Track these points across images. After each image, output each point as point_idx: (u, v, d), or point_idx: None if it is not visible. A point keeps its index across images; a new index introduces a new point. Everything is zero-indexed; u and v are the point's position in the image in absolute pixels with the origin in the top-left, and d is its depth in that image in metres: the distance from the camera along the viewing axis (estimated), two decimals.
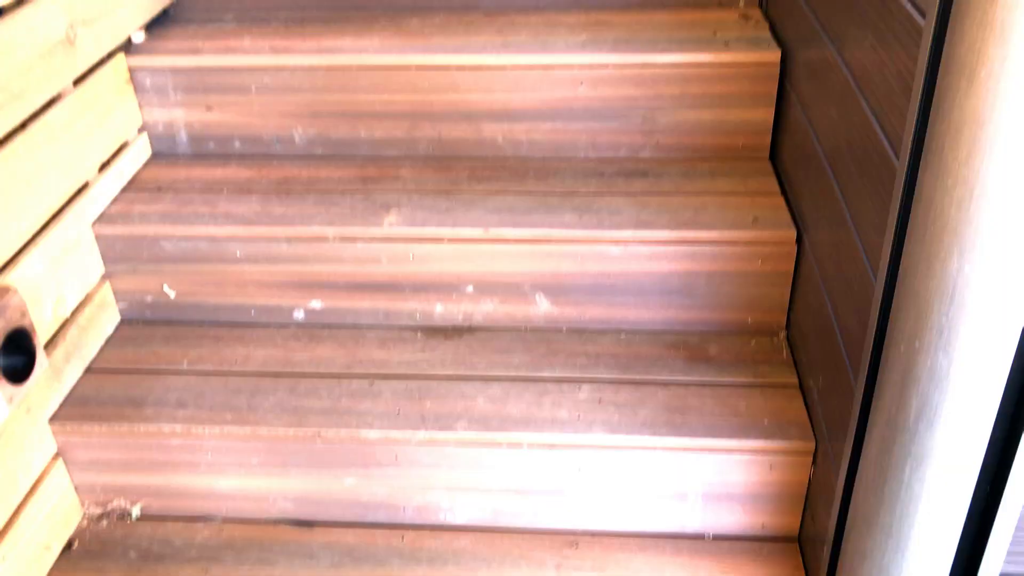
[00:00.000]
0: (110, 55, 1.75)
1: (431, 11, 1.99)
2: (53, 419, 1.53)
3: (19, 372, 1.34)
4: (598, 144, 1.84)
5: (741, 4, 1.94)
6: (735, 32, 1.80)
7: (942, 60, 0.91)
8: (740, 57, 1.71)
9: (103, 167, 1.71)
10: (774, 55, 1.70)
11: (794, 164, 1.64)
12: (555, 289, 1.67)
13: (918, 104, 0.97)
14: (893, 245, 1.04)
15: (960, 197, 0.90)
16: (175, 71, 1.82)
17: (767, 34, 1.78)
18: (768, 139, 1.79)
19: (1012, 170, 0.86)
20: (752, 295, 1.64)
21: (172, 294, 1.73)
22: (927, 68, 0.95)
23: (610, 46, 1.77)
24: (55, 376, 1.54)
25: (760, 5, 1.93)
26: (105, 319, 1.71)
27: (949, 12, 0.90)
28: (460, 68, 1.79)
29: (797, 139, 1.62)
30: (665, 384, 1.55)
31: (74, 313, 1.60)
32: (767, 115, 1.76)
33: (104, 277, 1.71)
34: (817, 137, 1.48)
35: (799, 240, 1.57)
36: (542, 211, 1.67)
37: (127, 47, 1.82)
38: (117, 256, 1.69)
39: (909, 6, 1.03)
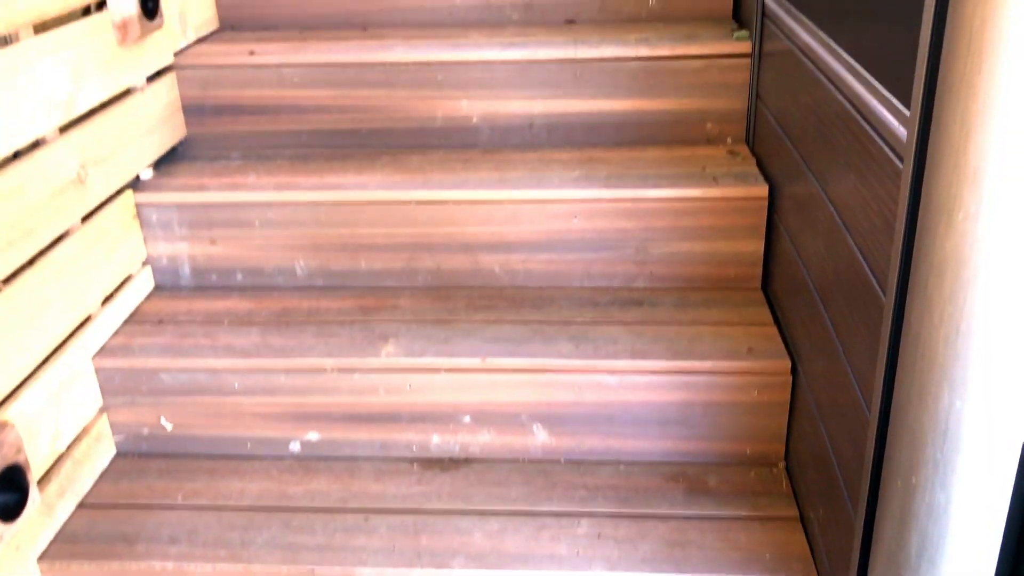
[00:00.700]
0: (118, 192, 1.80)
1: (431, 148, 2.06)
2: (42, 557, 1.50)
3: (11, 510, 1.33)
4: (593, 274, 1.87)
5: (729, 141, 2.01)
6: (724, 168, 1.87)
7: (921, 202, 0.95)
8: (729, 192, 1.77)
9: (106, 300, 1.74)
10: (761, 190, 1.76)
11: (786, 294, 1.67)
12: (552, 419, 1.67)
13: (901, 243, 1.00)
14: (885, 379, 1.05)
15: (947, 334, 0.91)
16: (181, 207, 1.87)
17: (754, 169, 1.85)
18: (759, 270, 1.83)
19: (996, 308, 0.88)
20: (750, 425, 1.64)
21: (169, 427, 1.73)
22: (908, 209, 0.98)
23: (603, 182, 1.83)
24: (47, 512, 1.52)
25: (747, 141, 2.00)
26: (100, 452, 1.70)
27: (925, 157, 0.94)
28: (458, 202, 1.84)
29: (787, 270, 1.66)
30: (665, 518, 1.53)
31: (70, 447, 1.60)
32: (757, 247, 1.81)
33: (101, 410, 1.71)
34: (807, 269, 1.51)
35: (794, 370, 1.58)
36: (538, 340, 1.68)
37: (135, 183, 1.88)
38: (116, 389, 1.70)
39: (888, 151, 1.07)
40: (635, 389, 1.63)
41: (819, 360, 1.43)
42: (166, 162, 2.01)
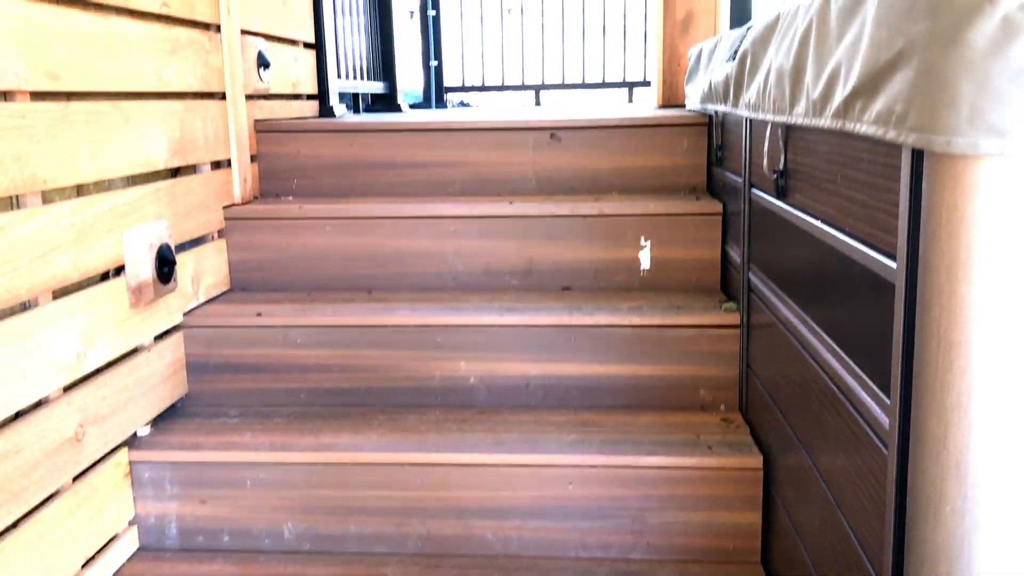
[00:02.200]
0: (114, 450, 1.80)
1: (428, 408, 2.09)
2: None
3: None
4: (588, 544, 1.83)
5: (722, 408, 2.04)
6: (718, 436, 1.88)
7: (908, 490, 0.95)
8: (724, 462, 1.77)
9: (87, 563, 1.69)
10: (756, 460, 1.76)
11: (786, 569, 1.62)
12: None
13: (892, 530, 0.99)
14: None
15: None
16: (174, 465, 1.87)
17: (748, 438, 1.86)
18: (758, 542, 1.79)
19: None
20: None
21: None
22: (895, 496, 0.98)
23: (597, 447, 1.84)
24: None
25: (740, 409, 2.03)
26: None
27: (908, 446, 0.95)
28: (453, 465, 1.84)
29: (786, 544, 1.62)
30: None
31: None
32: (755, 518, 1.78)
33: None
34: (804, 544, 1.48)
35: None
36: None
37: (131, 441, 1.88)
38: None
39: (872, 435, 1.09)
40: None
41: None
42: (164, 419, 2.03)
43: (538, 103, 5.18)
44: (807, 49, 1.26)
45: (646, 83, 4.74)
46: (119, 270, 1.83)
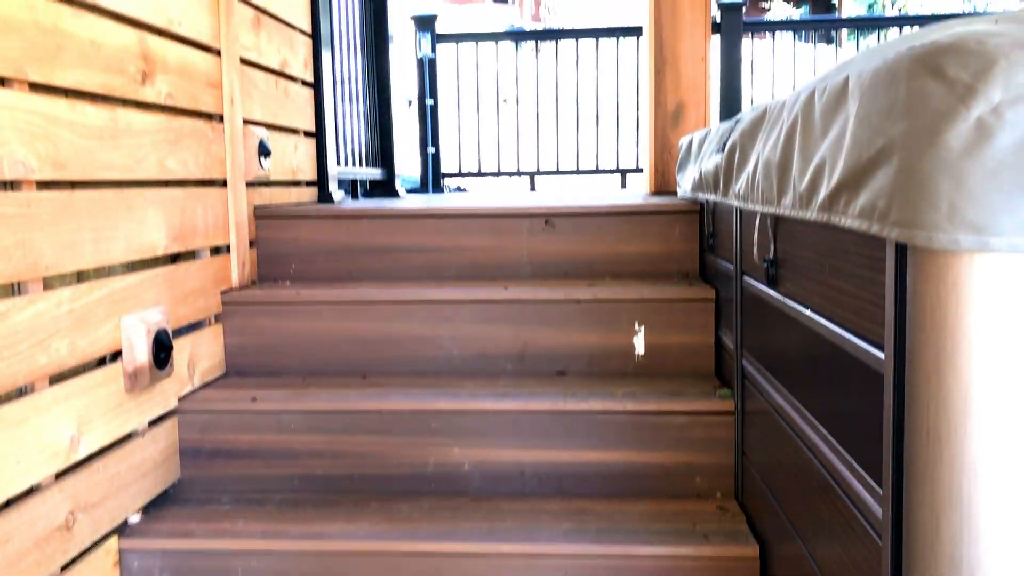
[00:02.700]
0: (104, 537, 1.78)
1: (421, 495, 2.07)
2: None
3: None
4: None
5: (718, 496, 2.03)
6: (714, 524, 1.87)
7: None
8: (720, 551, 1.75)
9: None
10: (752, 550, 1.75)
11: None
12: None
13: None
14: None
15: None
16: (165, 553, 1.84)
17: (744, 527, 1.84)
18: None
19: None
20: None
21: None
22: None
23: (593, 536, 1.82)
24: None
25: (736, 497, 2.02)
26: None
27: (902, 537, 0.96)
28: (446, 555, 1.82)
29: None
30: None
31: None
32: None
33: None
34: None
35: None
36: None
37: (122, 528, 1.86)
38: None
39: (866, 525, 1.09)
40: None
41: None
42: (155, 505, 2.01)
43: (533, 188, 5.28)
44: (793, 144, 1.30)
45: (639, 170, 4.83)
46: (116, 355, 1.83)
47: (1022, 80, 0.82)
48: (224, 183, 2.38)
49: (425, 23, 4.83)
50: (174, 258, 2.12)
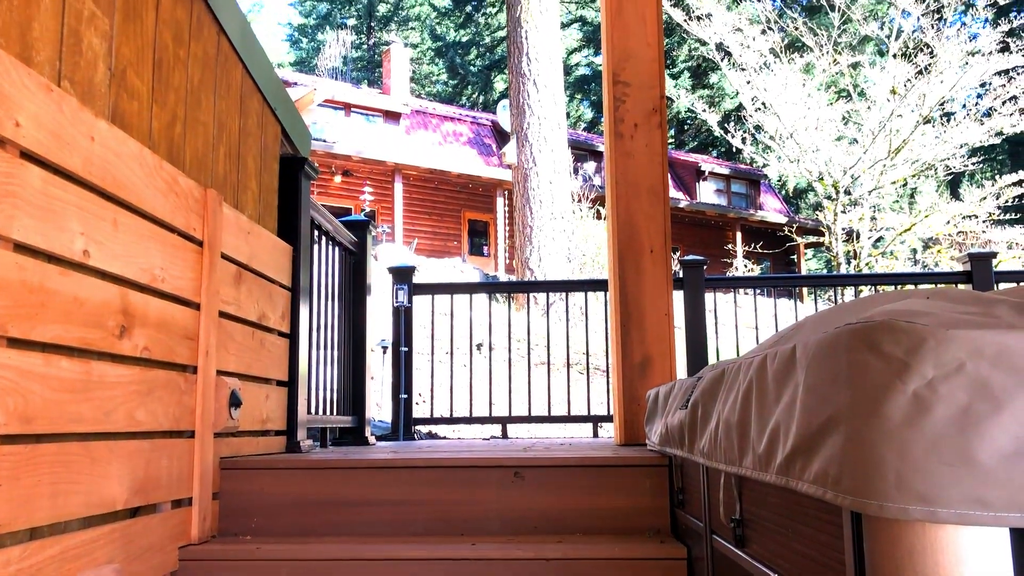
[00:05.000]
0: None
1: None
2: None
3: None
4: None
5: None
6: None
7: None
8: None
9: None
10: None
11: None
12: None
13: None
14: None
15: None
16: None
17: None
18: None
19: None
20: None
21: None
22: None
23: None
24: None
25: None
26: None
27: None
28: None
29: None
30: None
31: None
32: None
33: None
34: None
35: None
36: None
37: None
38: None
39: None
40: None
41: None
42: None
43: (505, 435, 5.27)
44: (750, 406, 1.34)
45: (609, 418, 4.86)
46: None
47: (951, 358, 0.88)
48: (192, 434, 2.38)
49: (402, 275, 5.02)
50: (134, 512, 2.06)
